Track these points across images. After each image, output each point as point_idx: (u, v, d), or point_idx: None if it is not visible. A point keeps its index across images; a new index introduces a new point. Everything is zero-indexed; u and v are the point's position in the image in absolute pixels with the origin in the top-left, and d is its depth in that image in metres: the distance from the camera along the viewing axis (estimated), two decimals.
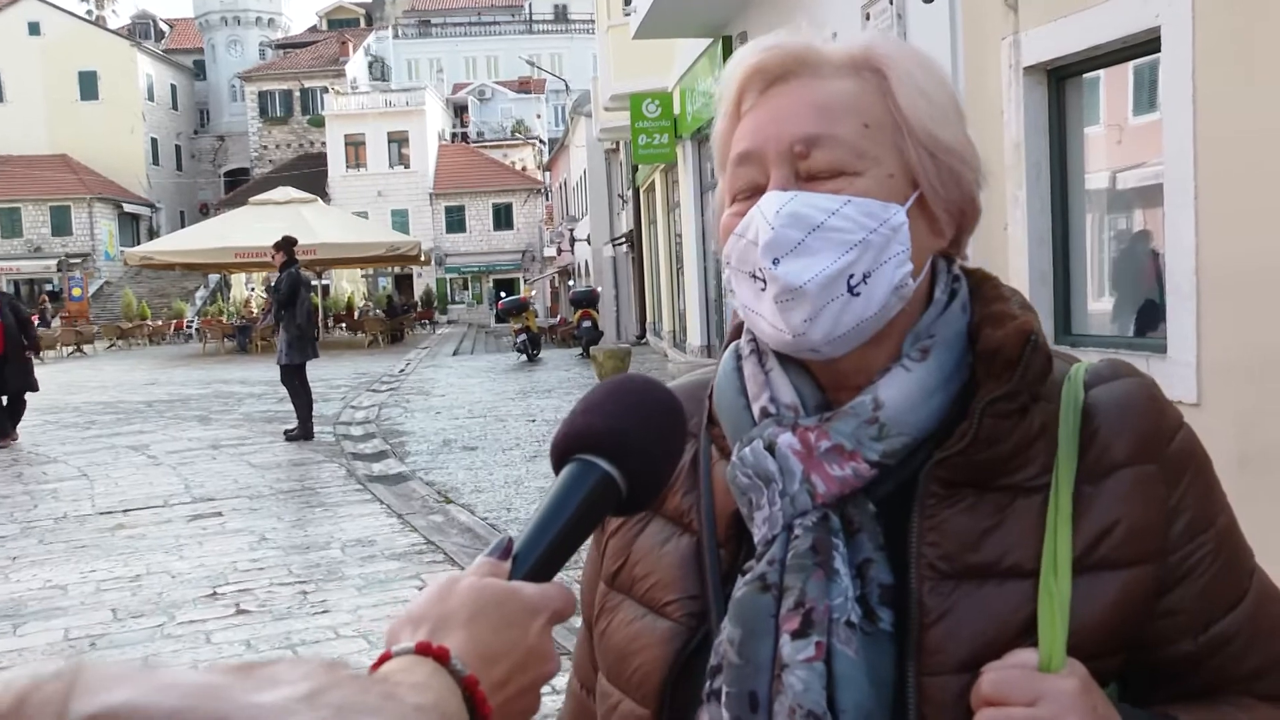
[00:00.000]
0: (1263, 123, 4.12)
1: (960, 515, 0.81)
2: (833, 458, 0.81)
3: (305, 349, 10.78)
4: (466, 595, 0.65)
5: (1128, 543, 0.80)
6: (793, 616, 0.80)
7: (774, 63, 0.86)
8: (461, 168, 55.24)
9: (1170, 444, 0.83)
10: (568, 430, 0.73)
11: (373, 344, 29.19)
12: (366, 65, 61.94)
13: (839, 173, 0.81)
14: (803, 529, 0.82)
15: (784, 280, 0.80)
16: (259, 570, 6.12)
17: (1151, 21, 4.60)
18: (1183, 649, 0.81)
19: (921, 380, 0.82)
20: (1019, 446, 0.81)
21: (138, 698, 0.33)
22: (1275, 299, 4.11)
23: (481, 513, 7.42)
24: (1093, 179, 5.54)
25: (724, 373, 0.91)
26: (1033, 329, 0.83)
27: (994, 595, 0.79)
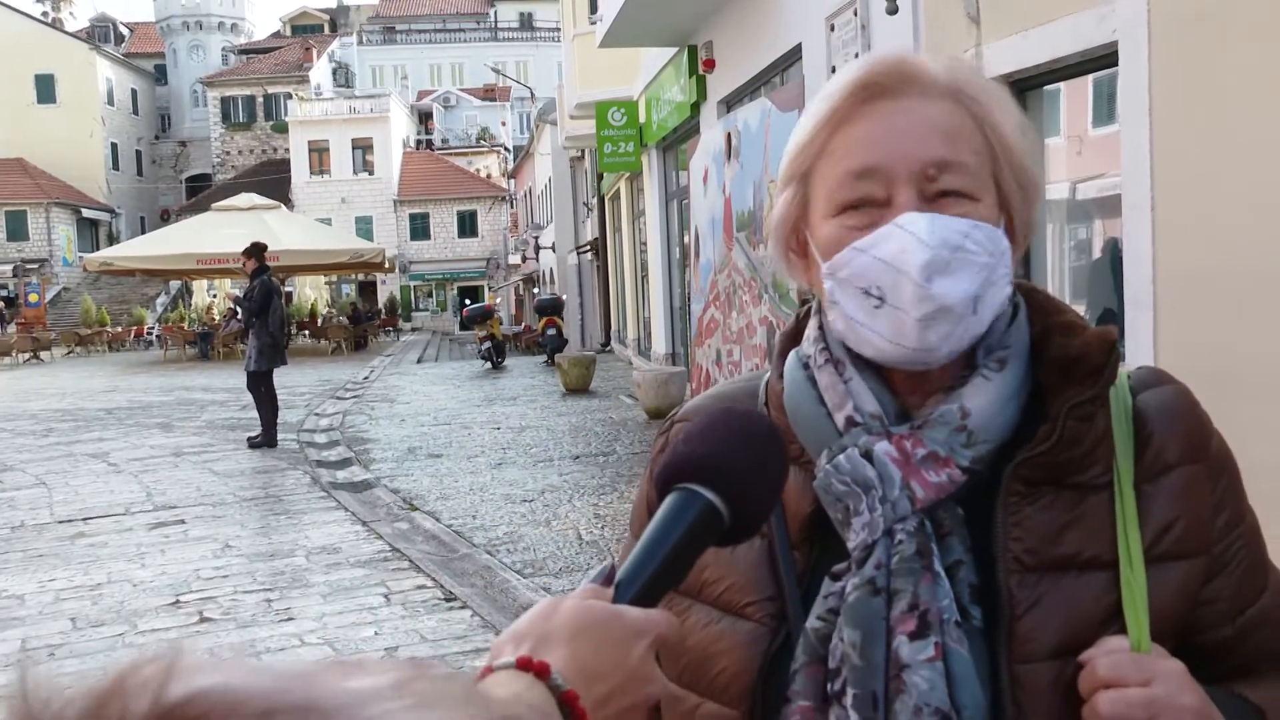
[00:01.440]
0: (1217, 136, 4.22)
1: (1041, 512, 0.86)
2: (929, 464, 0.86)
3: (275, 356, 10.76)
4: (570, 615, 0.66)
5: (1186, 537, 0.87)
6: (908, 619, 0.84)
7: (880, 77, 0.87)
8: (426, 175, 54.98)
9: (1211, 445, 0.92)
10: (670, 459, 0.75)
11: (336, 351, 28.96)
12: (330, 71, 61.52)
13: (963, 198, 0.86)
14: (905, 534, 0.85)
15: (939, 299, 0.83)
16: (223, 578, 6.07)
17: (1109, 36, 4.70)
18: (1222, 633, 0.89)
19: (1000, 389, 0.87)
20: (1091, 447, 0.87)
21: (232, 680, 0.34)
22: (1229, 309, 4.21)
23: (447, 520, 7.40)
24: (1054, 190, 5.64)
25: (795, 382, 0.94)
26: (1114, 337, 0.89)
27: (1076, 585, 0.85)
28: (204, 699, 0.33)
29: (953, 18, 5.81)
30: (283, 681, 0.35)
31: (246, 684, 0.34)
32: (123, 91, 57.71)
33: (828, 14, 7.33)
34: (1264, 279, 4.03)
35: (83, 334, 33.75)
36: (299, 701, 0.34)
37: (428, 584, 5.86)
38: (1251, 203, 4.08)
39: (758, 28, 9.02)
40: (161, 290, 45.52)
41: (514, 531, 6.98)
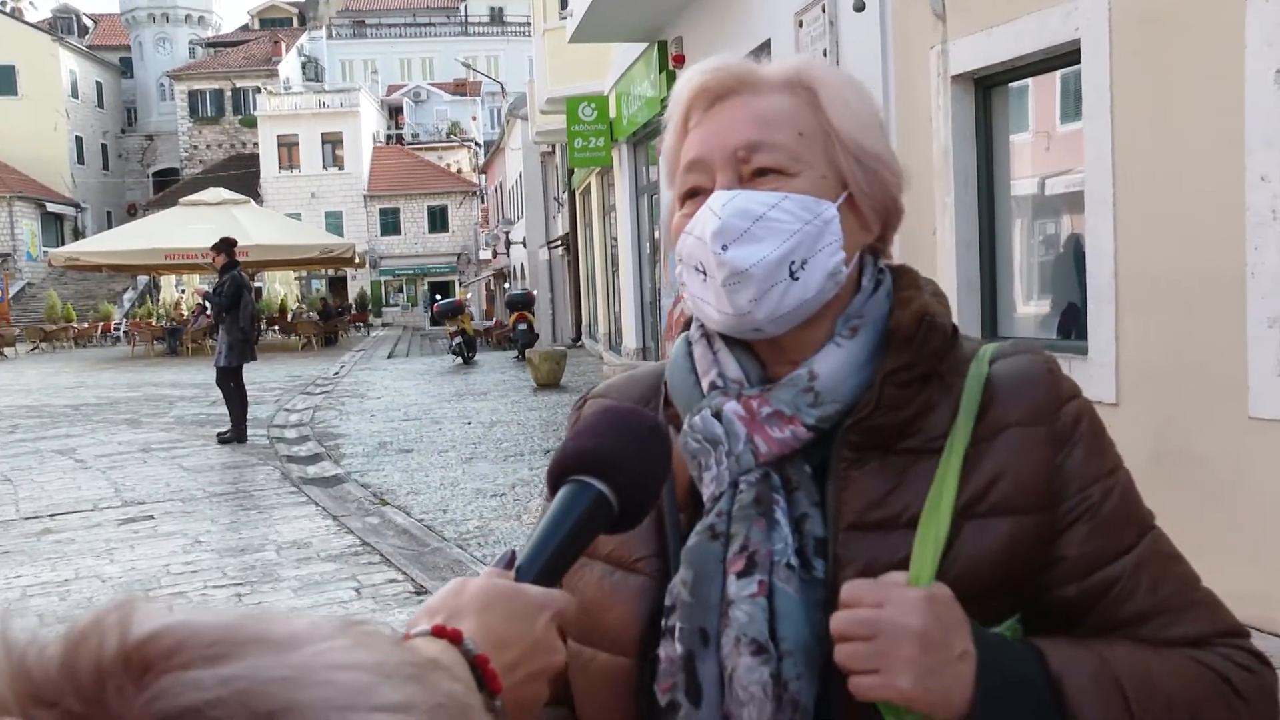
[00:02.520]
0: (1177, 134, 4.30)
1: (868, 475, 0.91)
2: (774, 422, 0.92)
3: (245, 352, 10.72)
4: (478, 590, 0.72)
5: (1014, 493, 0.89)
6: (738, 559, 0.90)
7: (717, 82, 0.96)
8: (396, 170, 54.67)
9: (1060, 410, 0.92)
10: (561, 455, 0.81)
11: (306, 347, 28.77)
12: (300, 65, 60.99)
13: (777, 174, 0.92)
14: (747, 484, 0.92)
15: (732, 264, 0.90)
16: (193, 573, 6.04)
17: (1072, 34, 4.78)
18: (1069, 592, 0.90)
19: (850, 355, 0.93)
20: (918, 412, 0.92)
21: (189, 618, 0.38)
22: (1189, 304, 4.29)
23: (418, 514, 7.40)
24: (1020, 185, 5.71)
25: (677, 356, 1.02)
26: (928, 310, 0.94)
27: (895, 542, 0.89)
28: (165, 634, 0.37)
29: (919, 15, 5.88)
30: (235, 619, 0.39)
31: (202, 620, 0.38)
32: (87, 84, 56.91)
33: (796, 10, 7.38)
34: (1219, 275, 4.11)
35: (48, 330, 33.32)
36: (250, 635, 0.38)
37: (399, 578, 5.86)
38: (1208, 200, 4.16)
39: (727, 23, 9.06)
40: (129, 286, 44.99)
41: (485, 525, 6.99)
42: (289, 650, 0.37)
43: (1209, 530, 4.24)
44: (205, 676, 0.35)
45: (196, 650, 0.36)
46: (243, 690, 0.35)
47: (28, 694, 0.35)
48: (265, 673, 0.36)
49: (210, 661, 0.36)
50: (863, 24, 6.47)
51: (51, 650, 0.36)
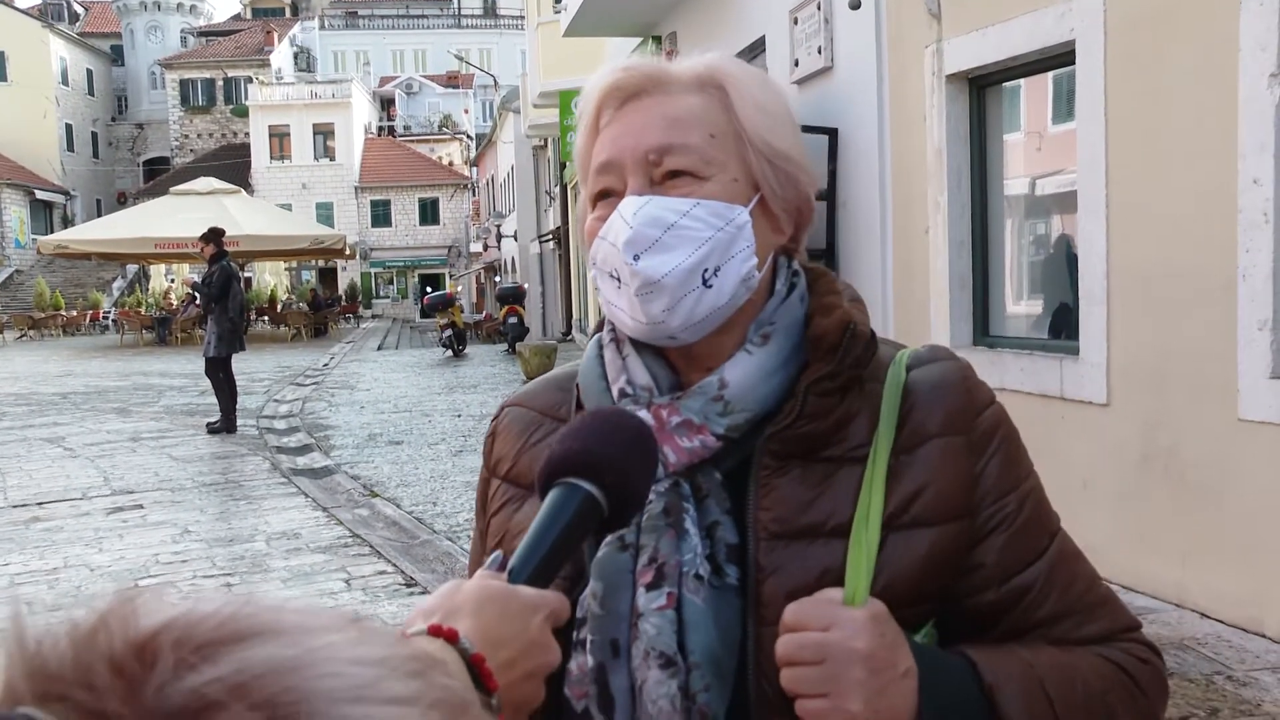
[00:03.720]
0: (1169, 136, 4.32)
1: (790, 483, 0.91)
2: (682, 431, 0.91)
3: (234, 342, 10.74)
4: (473, 591, 0.73)
5: (937, 504, 0.90)
6: (647, 570, 0.90)
7: (629, 81, 0.95)
8: (388, 161, 54.52)
9: (978, 418, 0.93)
10: (549, 458, 0.81)
11: (296, 337, 28.70)
12: (292, 56, 60.74)
13: (689, 177, 0.91)
14: (656, 495, 0.91)
15: (644, 274, 0.89)
16: (182, 563, 6.03)
17: (1067, 35, 4.79)
18: (987, 598, 0.91)
19: (762, 362, 0.93)
20: (840, 421, 0.92)
21: (195, 607, 0.38)
22: (1178, 304, 4.31)
23: (407, 506, 7.39)
24: (1013, 185, 5.72)
25: (588, 360, 1.02)
26: (851, 319, 0.93)
27: (819, 552, 0.88)
28: (175, 624, 0.37)
29: (914, 14, 5.89)
30: (246, 608, 0.39)
31: (211, 609, 0.38)
32: (77, 72, 56.58)
33: (791, 7, 7.38)
34: (1211, 277, 4.13)
35: (36, 318, 33.15)
36: (261, 624, 0.38)
37: (388, 569, 5.86)
38: (1200, 202, 4.18)
39: (721, 20, 9.06)
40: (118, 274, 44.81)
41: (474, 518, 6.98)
42: (300, 640, 0.38)
43: (1198, 531, 4.27)
44: (216, 664, 0.36)
45: (206, 638, 0.37)
46: (254, 677, 0.35)
47: (43, 687, 0.36)
48: (276, 661, 0.36)
49: (220, 649, 0.36)
50: (858, 22, 6.48)
51: (64, 644, 0.37)
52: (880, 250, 6.40)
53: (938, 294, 5.81)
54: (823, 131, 6.86)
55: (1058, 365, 4.97)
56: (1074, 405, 4.85)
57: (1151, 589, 4.44)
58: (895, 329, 6.27)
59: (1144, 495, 4.47)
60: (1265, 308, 3.95)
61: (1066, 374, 4.90)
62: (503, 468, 1.06)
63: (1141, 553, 4.48)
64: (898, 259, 6.24)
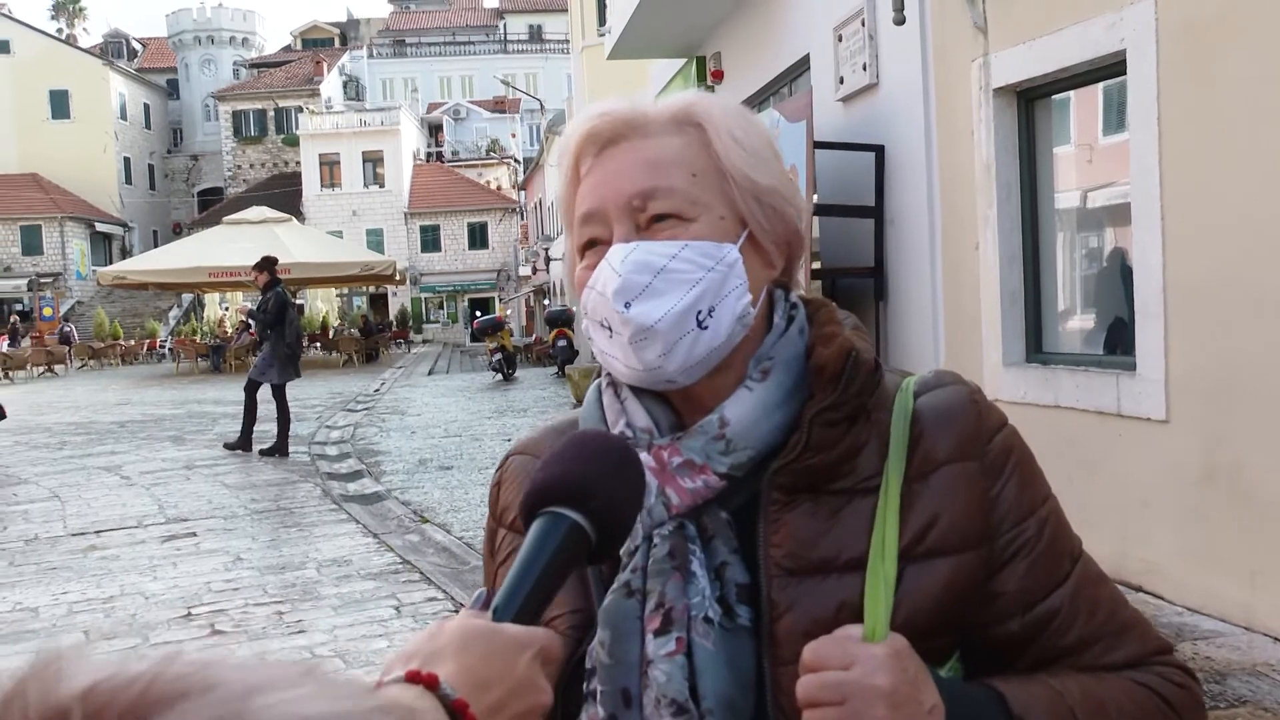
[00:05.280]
0: (1224, 143, 4.21)
1: (800, 518, 0.89)
2: (684, 472, 0.89)
3: (289, 369, 10.89)
4: (455, 631, 0.70)
5: (953, 532, 0.88)
6: (655, 616, 0.88)
7: (605, 127, 0.93)
8: (436, 187, 55.18)
9: (990, 442, 0.91)
10: (532, 486, 0.78)
11: (347, 363, 29.07)
12: (341, 85, 61.89)
13: (675, 220, 0.90)
14: (660, 538, 0.89)
15: (637, 321, 0.87)
16: (234, 590, 6.08)
17: (1117, 45, 4.70)
18: (1010, 627, 0.89)
19: (762, 399, 0.91)
20: (848, 452, 0.89)
21: (116, 670, 0.37)
22: (1238, 317, 4.19)
23: (458, 532, 7.40)
24: (1064, 198, 5.62)
25: (588, 405, 1.00)
26: (852, 346, 0.91)
27: (834, 587, 0.86)
28: (93, 692, 0.35)
29: (960, 27, 5.82)
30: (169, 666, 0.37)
31: (133, 670, 0.37)
32: (135, 106, 58.13)
33: (835, 24, 7.34)
34: (1269, 289, 4.01)
35: (96, 347, 33.94)
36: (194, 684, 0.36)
37: (438, 596, 5.86)
38: (1257, 212, 4.07)
39: (766, 38, 9.04)
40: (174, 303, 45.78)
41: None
42: (237, 699, 0.36)
43: (1266, 550, 4.13)
44: None
45: (129, 703, 0.35)
46: None
47: None
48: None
49: (145, 714, 0.35)
50: (903, 37, 6.42)
51: None
52: (930, 267, 6.31)
53: (989, 310, 5.71)
54: (869, 149, 6.79)
55: (1114, 381, 4.85)
56: (1132, 422, 4.72)
57: (1219, 611, 4.30)
58: (946, 347, 6.17)
59: (1207, 513, 4.34)
60: None
61: (1124, 390, 4.78)
62: (508, 517, 1.05)
63: (1206, 573, 4.34)
64: (947, 275, 6.15)
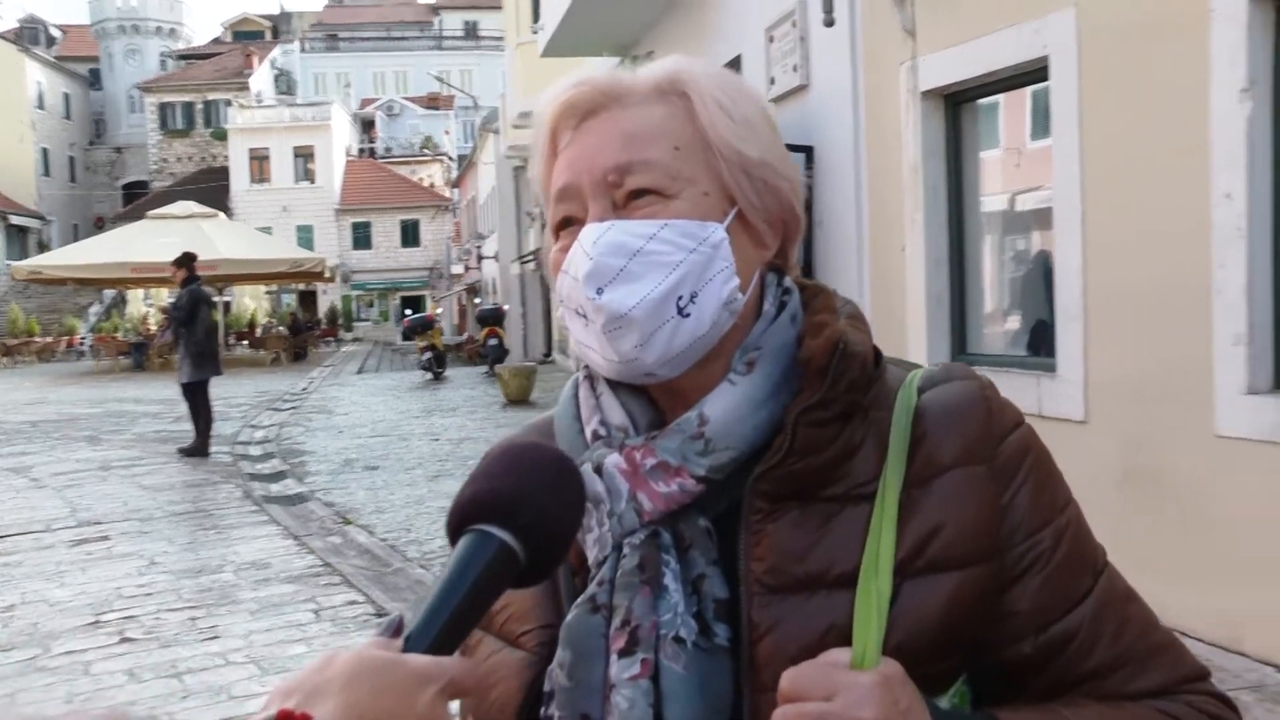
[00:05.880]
0: (1143, 151, 4.28)
1: (786, 528, 0.80)
2: (658, 475, 0.80)
3: (205, 366, 10.69)
4: (345, 665, 0.63)
5: (957, 544, 0.79)
6: (620, 635, 0.79)
7: (583, 98, 0.86)
8: (369, 184, 54.44)
9: (1002, 444, 0.82)
10: (457, 502, 0.71)
11: (275, 362, 28.50)
12: (272, 78, 60.67)
13: (654, 196, 0.82)
14: (630, 547, 0.81)
15: (610, 309, 0.79)
16: (146, 596, 5.88)
17: (1041, 51, 4.76)
18: (1023, 650, 0.80)
19: (747, 393, 0.82)
20: (841, 455, 0.81)
21: None
22: (1156, 321, 4.26)
23: (381, 534, 7.27)
24: (991, 201, 5.69)
25: (563, 401, 0.92)
26: (842, 337, 0.82)
27: (822, 606, 0.78)
28: None
29: (889, 30, 5.85)
30: None
31: None
32: (54, 95, 56.34)
33: (767, 25, 7.36)
34: (1187, 292, 4.09)
35: (9, 344, 32.81)
36: None
37: (359, 599, 5.74)
38: (1175, 217, 4.14)
39: (698, 39, 9.04)
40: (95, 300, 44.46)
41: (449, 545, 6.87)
42: None
43: (1178, 549, 4.20)
44: None
45: None
46: None
47: None
48: None
49: None
50: (833, 39, 6.45)
51: None
52: (858, 268, 6.35)
53: (915, 312, 5.75)
54: (799, 150, 6.81)
55: (1035, 382, 4.91)
56: (1052, 423, 4.78)
57: None
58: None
59: (1125, 513, 4.41)
60: (1240, 322, 3.91)
61: (1044, 391, 4.84)
62: None
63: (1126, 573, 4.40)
64: (875, 277, 6.18)
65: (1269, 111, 3.86)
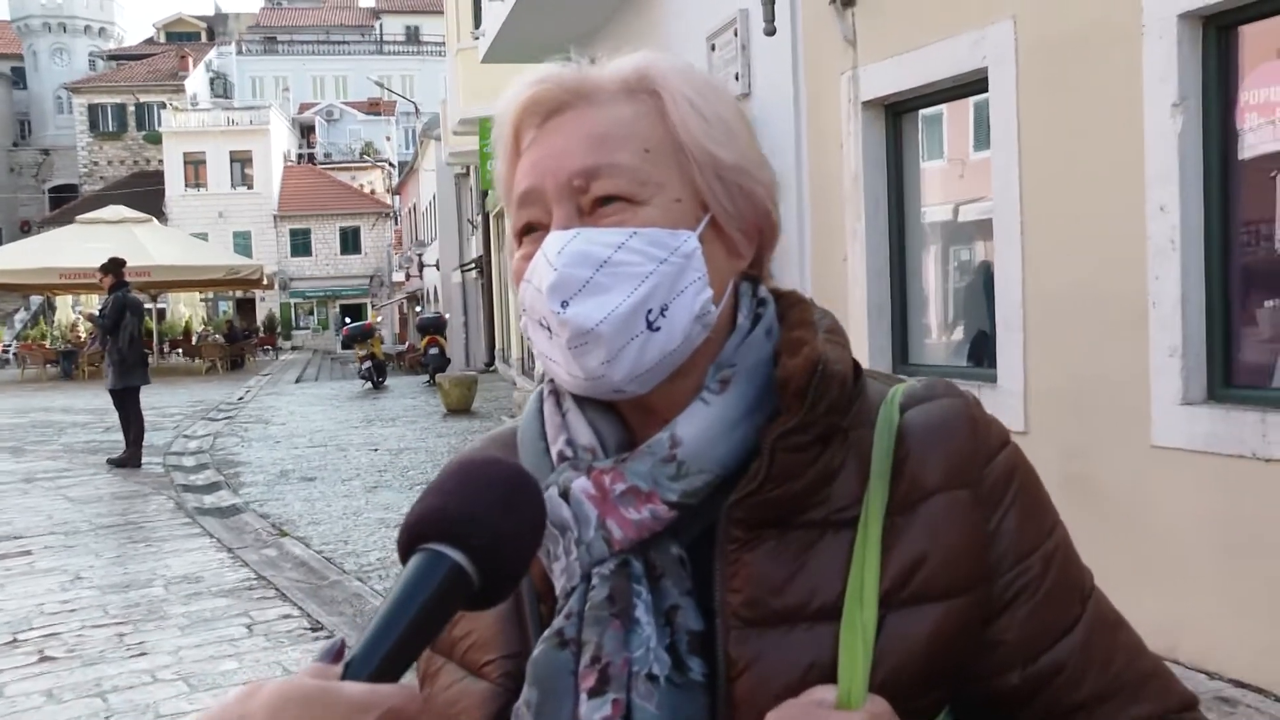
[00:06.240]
0: (1080, 163, 4.34)
1: (763, 558, 0.75)
2: (628, 500, 0.76)
3: (131, 373, 10.47)
4: (271, 694, 0.58)
5: (943, 574, 0.75)
6: (589, 673, 0.74)
7: (548, 95, 0.81)
8: (308, 190, 53.66)
9: (988, 465, 0.79)
10: (407, 520, 0.66)
11: (211, 370, 27.89)
12: (208, 81, 59.53)
13: (623, 202, 0.77)
14: (600, 578, 0.76)
15: (575, 323, 0.75)
16: (70, 613, 5.68)
17: (980, 62, 4.80)
18: (1010, 680, 0.77)
19: (721, 413, 0.77)
20: (820, 479, 0.76)
21: None
22: (1094, 332, 4.31)
23: (317, 546, 7.11)
24: (934, 212, 5.73)
25: (527, 416, 0.87)
26: (819, 356, 0.77)
27: (803, 640, 0.74)
28: None
29: (829, 40, 5.88)
30: None
31: None
32: None
33: (709, 34, 7.36)
34: (1123, 304, 4.14)
35: None
36: None
37: (294, 613, 5.61)
38: (1111, 229, 4.19)
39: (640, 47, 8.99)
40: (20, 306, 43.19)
41: (387, 557, 6.75)
42: None
43: (1114, 558, 4.24)
44: None
45: None
46: None
47: None
48: None
49: None
50: (774, 48, 6.46)
51: None
52: (799, 279, 6.35)
53: (856, 323, 5.77)
54: None
55: (976, 392, 4.93)
56: None
57: None
58: None
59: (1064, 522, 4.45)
60: (1175, 334, 3.96)
61: (985, 401, 4.81)
62: None
63: None
64: (816, 287, 6.20)
65: (1199, 125, 3.93)
